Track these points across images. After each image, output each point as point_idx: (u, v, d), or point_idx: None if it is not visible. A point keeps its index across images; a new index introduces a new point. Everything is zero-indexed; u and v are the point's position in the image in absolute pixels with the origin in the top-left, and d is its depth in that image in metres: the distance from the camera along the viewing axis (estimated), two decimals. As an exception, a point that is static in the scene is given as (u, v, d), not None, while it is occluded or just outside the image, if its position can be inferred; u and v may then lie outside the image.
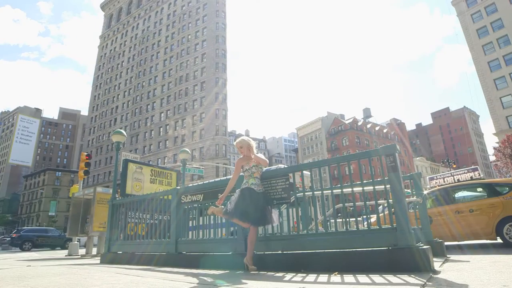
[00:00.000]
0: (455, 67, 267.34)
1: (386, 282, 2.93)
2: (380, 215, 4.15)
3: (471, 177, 13.41)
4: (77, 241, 14.42)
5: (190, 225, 5.83)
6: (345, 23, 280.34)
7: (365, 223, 4.23)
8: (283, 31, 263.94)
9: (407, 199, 4.29)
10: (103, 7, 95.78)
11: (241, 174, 4.45)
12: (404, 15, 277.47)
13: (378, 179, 4.06)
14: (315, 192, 4.51)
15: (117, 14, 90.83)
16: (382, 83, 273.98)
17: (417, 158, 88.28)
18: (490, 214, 6.70)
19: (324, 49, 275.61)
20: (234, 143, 4.49)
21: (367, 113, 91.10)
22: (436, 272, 3.26)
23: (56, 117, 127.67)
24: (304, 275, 3.51)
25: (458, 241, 7.71)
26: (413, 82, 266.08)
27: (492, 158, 51.69)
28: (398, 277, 3.00)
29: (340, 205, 4.73)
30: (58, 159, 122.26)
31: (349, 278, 3.18)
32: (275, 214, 4.25)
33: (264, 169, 4.56)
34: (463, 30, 51.87)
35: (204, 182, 8.91)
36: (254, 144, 4.47)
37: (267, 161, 4.48)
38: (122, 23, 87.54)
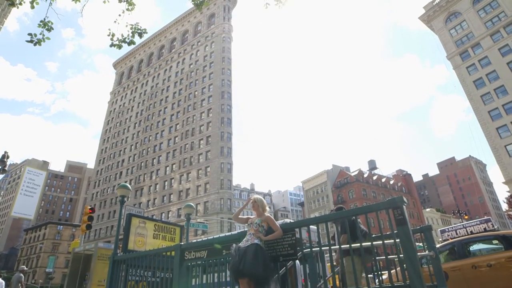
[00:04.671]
0: (451, 117, 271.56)
1: None
2: (392, 271, 3.96)
3: (485, 228, 12.94)
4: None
5: (193, 283, 5.57)
6: (338, 75, 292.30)
7: (376, 280, 4.02)
8: (284, 84, 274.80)
9: (419, 253, 4.11)
10: (115, 65, 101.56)
11: (247, 229, 4.37)
12: (396, 66, 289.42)
13: (387, 233, 3.94)
14: (322, 248, 4.36)
15: (128, 72, 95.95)
16: (383, 134, 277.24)
17: (427, 210, 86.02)
18: (510, 268, 6.34)
19: (326, 101, 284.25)
20: (254, 197, 4.54)
21: (372, 165, 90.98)
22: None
23: (63, 170, 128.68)
24: None
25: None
26: (413, 133, 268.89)
27: (504, 207, 50.21)
28: None
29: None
30: (61, 212, 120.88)
31: None
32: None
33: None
34: (461, 82, 53.47)
35: (208, 237, 8.69)
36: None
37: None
38: (132, 80, 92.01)
